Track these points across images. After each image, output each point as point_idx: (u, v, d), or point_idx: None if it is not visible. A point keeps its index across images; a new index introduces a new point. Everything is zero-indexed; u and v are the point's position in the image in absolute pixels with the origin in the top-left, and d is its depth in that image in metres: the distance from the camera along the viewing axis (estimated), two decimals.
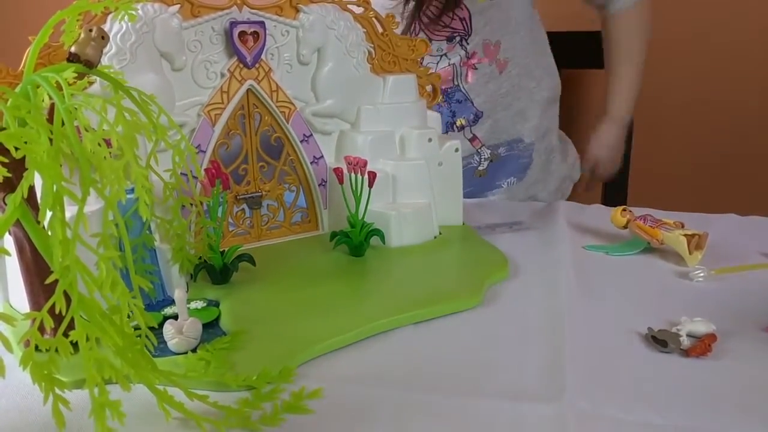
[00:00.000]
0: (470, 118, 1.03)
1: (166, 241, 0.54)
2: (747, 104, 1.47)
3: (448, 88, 1.01)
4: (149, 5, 0.56)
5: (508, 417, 0.41)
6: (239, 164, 0.65)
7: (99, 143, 0.39)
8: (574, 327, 0.51)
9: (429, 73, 0.73)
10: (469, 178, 1.08)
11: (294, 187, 0.69)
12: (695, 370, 0.46)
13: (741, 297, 0.57)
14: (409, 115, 0.70)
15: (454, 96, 1.02)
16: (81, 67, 0.43)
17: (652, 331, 0.49)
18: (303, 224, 0.70)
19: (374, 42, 0.69)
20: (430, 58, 0.99)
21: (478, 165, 1.06)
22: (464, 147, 1.04)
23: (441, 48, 0.99)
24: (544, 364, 0.47)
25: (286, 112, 0.65)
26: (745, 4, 1.48)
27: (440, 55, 1.00)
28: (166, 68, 0.59)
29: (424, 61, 0.97)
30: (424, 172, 0.68)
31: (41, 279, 0.41)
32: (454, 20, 0.98)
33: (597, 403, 0.42)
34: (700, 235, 0.64)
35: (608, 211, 0.74)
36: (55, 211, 0.36)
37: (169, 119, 0.50)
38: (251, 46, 0.61)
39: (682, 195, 1.44)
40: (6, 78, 0.51)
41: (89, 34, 0.44)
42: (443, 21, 0.98)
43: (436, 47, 0.99)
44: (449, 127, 1.03)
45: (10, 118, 0.37)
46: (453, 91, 1.02)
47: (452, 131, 1.03)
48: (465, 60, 1.00)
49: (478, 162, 1.06)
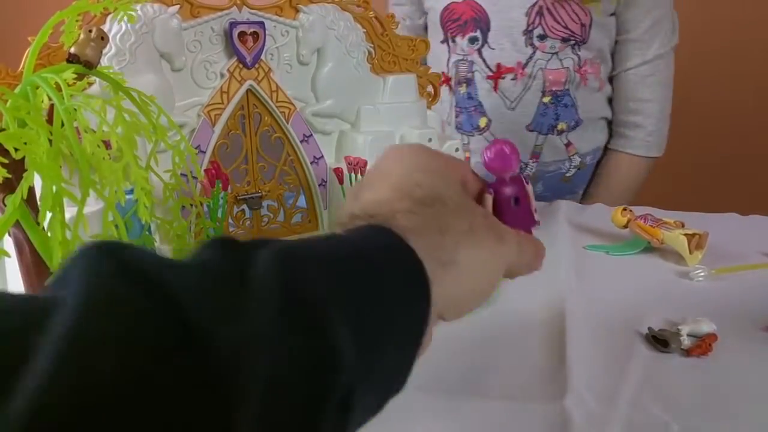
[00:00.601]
0: (571, 124, 1.04)
1: (166, 242, 0.54)
2: (747, 104, 1.47)
3: (558, 91, 1.01)
4: (149, 6, 0.56)
5: (508, 417, 0.40)
6: (239, 164, 0.65)
7: (98, 144, 0.39)
8: (574, 327, 0.51)
9: (429, 72, 0.73)
10: (553, 183, 1.09)
11: (294, 188, 0.69)
12: (695, 369, 0.46)
13: (741, 297, 0.57)
14: (409, 115, 0.70)
15: (562, 100, 1.02)
16: (80, 67, 0.43)
17: (653, 331, 0.49)
18: (303, 224, 0.70)
19: (374, 42, 0.69)
20: (540, 54, 0.99)
21: (566, 171, 1.07)
22: (558, 152, 1.06)
23: (554, 46, 0.99)
24: (544, 364, 0.47)
25: (286, 113, 0.65)
26: (745, 3, 1.48)
27: (552, 53, 0.99)
28: (165, 69, 0.59)
29: (534, 53, 0.99)
30: None
31: (41, 280, 0.41)
32: (574, 23, 0.98)
33: (598, 403, 0.42)
34: (700, 235, 0.64)
35: (609, 210, 0.74)
36: (55, 212, 0.36)
37: (169, 120, 0.50)
38: (251, 47, 0.61)
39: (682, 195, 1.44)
40: (5, 79, 0.50)
41: (89, 35, 0.44)
42: (563, 19, 0.97)
43: (550, 44, 0.98)
44: (550, 130, 1.03)
45: (10, 119, 0.36)
46: (563, 94, 1.02)
47: (552, 134, 1.04)
48: (578, 67, 1.01)
49: (566, 168, 1.07)
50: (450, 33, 1.04)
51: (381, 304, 0.29)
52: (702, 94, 1.46)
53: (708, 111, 1.50)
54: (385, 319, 0.29)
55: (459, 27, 1.03)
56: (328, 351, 0.25)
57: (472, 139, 1.08)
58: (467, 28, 1.02)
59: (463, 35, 1.02)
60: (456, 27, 1.03)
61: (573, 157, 1.07)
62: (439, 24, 1.05)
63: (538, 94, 1.01)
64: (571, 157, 1.06)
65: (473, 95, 1.05)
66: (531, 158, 1.06)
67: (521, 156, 1.02)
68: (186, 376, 0.20)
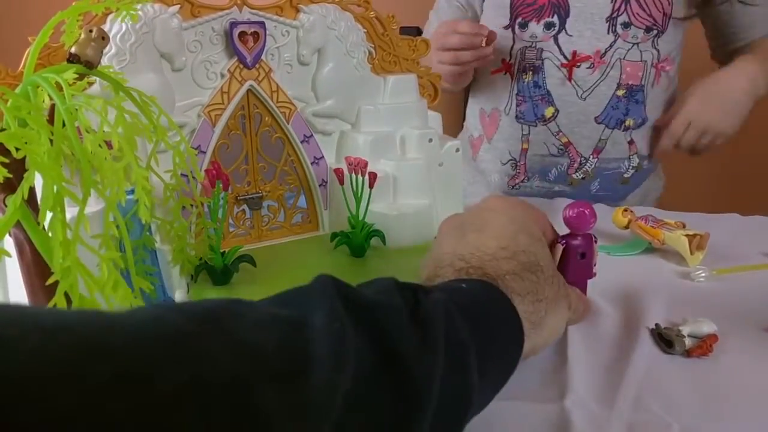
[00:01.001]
0: (638, 121, 1.00)
1: (166, 242, 0.54)
2: None
3: (634, 85, 0.98)
4: (149, 6, 0.56)
5: (508, 417, 0.40)
6: (239, 165, 0.65)
7: (100, 144, 0.39)
8: (575, 327, 0.51)
9: (430, 72, 0.73)
10: (610, 183, 1.04)
11: (294, 188, 0.69)
12: (696, 369, 0.46)
13: (742, 297, 0.57)
14: (409, 116, 0.70)
15: (636, 95, 0.99)
16: (81, 67, 0.43)
17: (659, 329, 0.49)
18: (303, 225, 0.70)
19: (375, 42, 0.69)
20: (621, 42, 0.95)
21: (625, 171, 1.04)
22: (620, 149, 1.02)
23: (636, 36, 0.95)
24: (545, 364, 0.47)
25: (286, 113, 0.65)
26: None
27: (634, 43, 0.96)
28: (165, 69, 0.59)
29: (615, 41, 0.95)
30: (424, 173, 0.68)
31: (42, 280, 0.41)
32: (657, 11, 0.94)
33: (598, 403, 0.41)
34: (701, 236, 0.64)
35: (609, 211, 0.74)
36: (56, 212, 0.36)
37: (169, 120, 0.50)
38: (251, 47, 0.61)
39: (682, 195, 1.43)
40: (6, 79, 0.50)
41: (89, 35, 0.44)
42: (648, 6, 0.94)
43: (633, 33, 0.95)
44: (618, 125, 1.00)
45: (11, 119, 0.36)
46: (637, 89, 0.98)
47: (618, 129, 1.00)
48: (656, 61, 0.97)
49: (625, 168, 1.04)
50: (522, 17, 0.99)
51: (495, 353, 0.37)
52: None
53: None
54: (496, 366, 0.38)
55: (534, 11, 0.98)
56: (470, 387, 0.33)
57: (533, 129, 1.03)
58: (544, 12, 0.97)
59: (539, 20, 0.97)
60: (531, 11, 0.98)
61: (632, 157, 1.03)
62: (508, 8, 1.00)
63: (613, 85, 0.97)
64: (631, 156, 1.03)
65: (540, 84, 1.00)
66: (593, 153, 1.02)
67: (584, 150, 1.02)
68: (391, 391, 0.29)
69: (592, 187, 1.05)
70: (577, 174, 1.03)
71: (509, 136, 1.05)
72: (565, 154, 1.03)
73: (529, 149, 1.04)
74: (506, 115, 1.05)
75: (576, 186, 1.04)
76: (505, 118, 1.05)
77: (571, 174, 1.03)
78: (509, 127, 1.05)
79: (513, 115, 1.04)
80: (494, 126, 1.07)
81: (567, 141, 1.02)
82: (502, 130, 1.06)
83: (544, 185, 1.06)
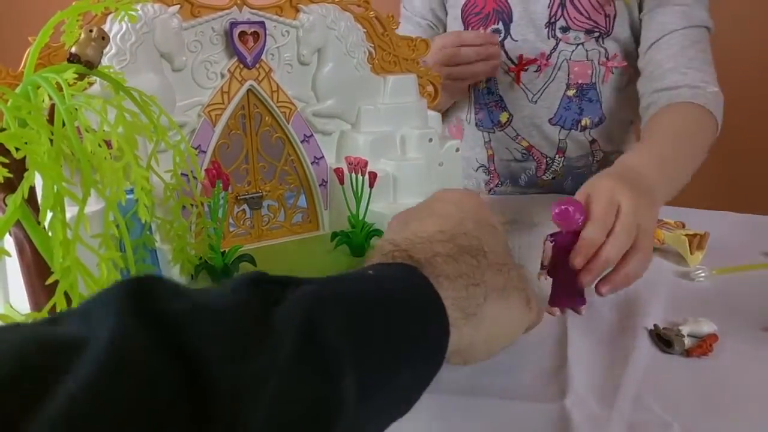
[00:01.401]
0: (595, 120, 1.01)
1: (166, 241, 0.54)
2: (747, 103, 1.47)
3: (584, 84, 0.98)
4: (149, 6, 0.56)
5: (508, 417, 0.40)
6: (240, 164, 0.65)
7: (99, 144, 0.39)
8: (575, 327, 0.51)
9: (429, 72, 0.73)
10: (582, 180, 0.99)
11: (294, 188, 0.69)
12: (696, 369, 0.46)
13: (741, 297, 0.57)
14: (409, 115, 0.70)
15: (587, 94, 0.99)
16: (81, 67, 0.43)
17: (658, 329, 0.49)
18: (303, 224, 0.70)
19: (374, 42, 0.69)
20: (564, 45, 0.96)
21: (593, 167, 1.04)
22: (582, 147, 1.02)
23: (578, 37, 0.96)
24: (545, 363, 0.47)
25: (286, 113, 0.65)
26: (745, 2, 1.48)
27: (577, 44, 0.97)
28: (166, 69, 0.59)
29: (558, 44, 0.95)
30: (424, 172, 0.68)
31: (42, 280, 0.41)
32: (598, 13, 0.95)
33: (598, 403, 0.42)
34: (701, 235, 0.64)
35: None
36: (56, 212, 0.36)
37: (170, 120, 0.50)
38: (251, 47, 0.61)
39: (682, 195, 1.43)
40: (6, 79, 0.51)
41: (89, 35, 0.44)
42: (586, 10, 0.95)
43: (574, 36, 0.96)
44: (574, 125, 1.00)
45: (11, 119, 0.37)
46: (588, 88, 0.99)
47: (575, 130, 1.00)
48: (604, 60, 0.98)
49: (592, 163, 1.04)
50: (472, 27, 1.01)
51: (393, 351, 0.30)
52: None
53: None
54: (393, 366, 0.30)
55: (481, 20, 1.00)
56: (332, 402, 0.26)
57: (493, 136, 1.05)
58: (489, 20, 0.99)
59: (486, 28, 1.00)
60: (478, 20, 1.00)
61: (597, 152, 1.03)
62: (460, 18, 1.02)
63: (562, 86, 0.98)
64: (595, 152, 1.03)
65: (493, 90, 1.02)
66: (557, 153, 1.03)
67: (546, 150, 1.02)
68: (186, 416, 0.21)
69: (565, 185, 1.05)
70: (547, 175, 1.05)
71: (474, 144, 1.08)
72: (530, 158, 1.04)
73: (495, 155, 1.06)
74: (468, 124, 1.07)
75: (549, 187, 1.05)
76: (468, 126, 1.08)
77: (540, 176, 1.05)
78: (472, 135, 1.07)
79: (473, 123, 1.07)
80: (459, 135, 1.09)
81: (528, 144, 1.03)
82: (466, 138, 1.08)
83: (516, 191, 1.08)
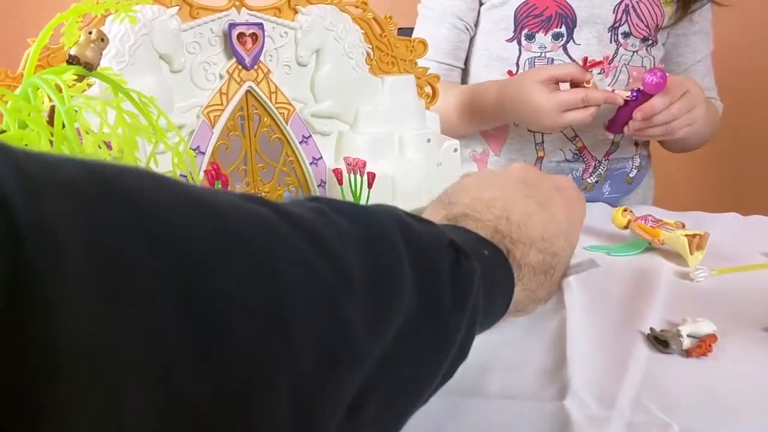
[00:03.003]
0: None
1: None
2: (747, 103, 1.47)
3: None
4: (148, 7, 0.56)
5: (508, 417, 0.40)
6: (238, 165, 0.65)
7: (99, 145, 0.39)
8: (575, 327, 0.51)
9: (428, 73, 0.73)
10: (618, 184, 1.06)
11: (293, 188, 0.69)
12: (695, 370, 0.46)
13: (742, 297, 0.57)
14: (407, 116, 0.70)
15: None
16: (81, 69, 0.43)
17: (654, 332, 0.49)
18: None
19: (373, 43, 0.69)
20: (623, 51, 0.99)
21: (630, 171, 1.05)
22: (629, 150, 1.03)
23: (635, 44, 0.98)
24: (544, 364, 0.47)
25: (285, 114, 0.65)
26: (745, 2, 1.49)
27: (633, 51, 0.99)
28: (164, 70, 0.59)
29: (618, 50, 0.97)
30: (423, 173, 0.68)
31: None
32: (653, 22, 0.98)
33: (598, 403, 0.42)
34: (701, 236, 0.64)
35: (609, 211, 0.74)
36: None
37: (168, 121, 0.50)
38: (250, 48, 0.61)
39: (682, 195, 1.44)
40: (5, 80, 0.51)
41: (89, 37, 0.44)
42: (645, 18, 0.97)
43: (631, 42, 0.99)
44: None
45: (11, 121, 0.37)
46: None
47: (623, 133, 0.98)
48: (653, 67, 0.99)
49: (630, 168, 1.04)
50: (529, 29, 0.99)
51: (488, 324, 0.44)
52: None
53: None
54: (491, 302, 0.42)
55: (542, 23, 0.98)
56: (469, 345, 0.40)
57: (547, 137, 1.02)
58: (552, 23, 0.98)
59: (546, 31, 0.98)
60: (538, 23, 0.99)
61: (635, 157, 1.04)
62: (512, 20, 1.00)
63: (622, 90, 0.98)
64: (634, 156, 1.04)
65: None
66: (605, 156, 1.03)
67: (597, 153, 1.03)
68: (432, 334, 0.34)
69: (604, 190, 1.05)
70: (592, 178, 1.04)
71: (521, 147, 1.04)
72: (580, 159, 1.03)
73: (545, 156, 1.04)
74: (515, 127, 1.04)
75: (590, 191, 1.04)
76: (514, 129, 1.04)
77: (586, 179, 1.04)
78: (520, 138, 1.04)
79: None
80: (502, 138, 1.06)
81: (582, 145, 1.02)
82: (511, 141, 1.05)
83: None
